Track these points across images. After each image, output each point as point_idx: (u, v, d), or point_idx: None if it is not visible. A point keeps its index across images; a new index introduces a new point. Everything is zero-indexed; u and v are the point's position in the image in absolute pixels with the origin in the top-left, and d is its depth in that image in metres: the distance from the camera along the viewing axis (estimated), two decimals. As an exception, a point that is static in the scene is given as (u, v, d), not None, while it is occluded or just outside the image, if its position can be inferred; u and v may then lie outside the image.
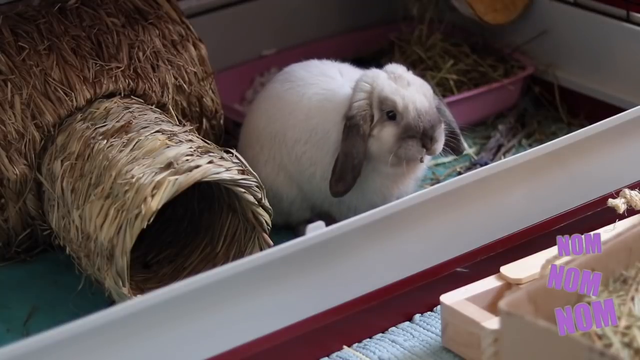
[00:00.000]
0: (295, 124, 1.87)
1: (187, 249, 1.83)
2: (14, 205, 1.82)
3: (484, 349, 1.55)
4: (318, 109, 1.86)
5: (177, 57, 1.94)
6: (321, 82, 1.90)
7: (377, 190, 1.85)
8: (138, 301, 1.49)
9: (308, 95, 1.88)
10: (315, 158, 1.85)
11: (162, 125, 1.75)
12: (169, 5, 1.97)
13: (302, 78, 1.91)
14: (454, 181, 1.71)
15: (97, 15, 1.90)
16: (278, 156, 1.88)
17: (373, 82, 1.81)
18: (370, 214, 1.64)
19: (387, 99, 1.79)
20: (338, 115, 1.83)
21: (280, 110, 1.90)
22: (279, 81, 1.95)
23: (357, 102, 1.80)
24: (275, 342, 1.61)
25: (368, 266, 1.67)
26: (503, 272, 1.67)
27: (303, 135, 1.86)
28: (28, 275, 1.86)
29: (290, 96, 1.89)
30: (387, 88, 1.79)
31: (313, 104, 1.87)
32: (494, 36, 2.35)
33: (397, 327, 1.72)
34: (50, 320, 1.68)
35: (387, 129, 1.79)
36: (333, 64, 1.96)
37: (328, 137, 1.84)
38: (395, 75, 1.82)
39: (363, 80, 1.82)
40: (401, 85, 1.80)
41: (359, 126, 1.78)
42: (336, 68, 1.94)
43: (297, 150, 1.86)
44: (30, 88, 1.81)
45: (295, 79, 1.92)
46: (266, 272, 1.57)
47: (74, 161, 1.73)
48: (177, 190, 1.61)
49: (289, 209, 1.89)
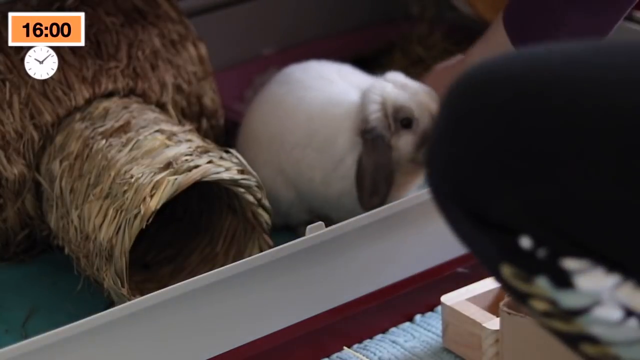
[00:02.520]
0: (294, 127, 1.86)
1: (186, 249, 1.82)
2: (12, 205, 1.82)
3: (485, 349, 1.55)
4: (320, 113, 1.85)
5: (177, 56, 1.93)
6: (321, 86, 1.89)
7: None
8: (137, 302, 1.49)
9: (308, 99, 1.87)
10: (315, 162, 1.84)
11: (161, 125, 1.75)
12: (168, 4, 1.96)
13: (300, 81, 1.90)
14: (455, 181, 1.70)
15: (96, 14, 1.90)
16: (276, 159, 1.87)
17: (383, 93, 1.80)
18: (370, 214, 1.64)
19: (403, 107, 1.78)
20: (345, 121, 1.81)
21: (279, 113, 1.88)
22: (277, 83, 1.93)
23: (374, 115, 1.78)
24: (275, 342, 1.61)
25: (368, 266, 1.67)
26: (504, 272, 1.66)
27: (302, 140, 1.85)
28: (26, 275, 1.85)
29: (289, 99, 1.88)
30: (400, 97, 1.79)
31: (314, 108, 1.86)
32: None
33: (397, 328, 1.72)
34: (49, 321, 1.68)
35: (404, 138, 1.78)
36: (332, 65, 1.94)
37: (332, 142, 1.82)
38: (401, 84, 1.81)
39: (372, 92, 1.81)
40: (410, 93, 1.79)
41: (383, 136, 1.77)
42: (335, 70, 1.93)
43: (295, 154, 1.85)
44: (28, 88, 1.80)
45: (293, 81, 1.91)
46: (266, 272, 1.56)
47: (73, 161, 1.73)
48: (177, 190, 1.60)
49: (287, 211, 1.89)
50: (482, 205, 1.04)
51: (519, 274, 1.05)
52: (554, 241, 1.01)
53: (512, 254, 1.04)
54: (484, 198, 1.03)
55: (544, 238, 1.01)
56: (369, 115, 1.79)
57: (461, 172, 1.05)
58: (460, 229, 1.10)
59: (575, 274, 1.02)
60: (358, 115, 1.81)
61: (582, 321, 1.04)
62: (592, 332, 1.04)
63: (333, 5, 2.46)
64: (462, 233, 1.10)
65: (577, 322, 1.04)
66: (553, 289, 1.03)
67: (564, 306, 1.04)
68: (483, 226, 1.05)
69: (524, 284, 1.05)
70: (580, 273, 1.01)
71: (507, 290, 1.07)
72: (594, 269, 1.02)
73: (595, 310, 1.03)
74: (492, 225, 1.04)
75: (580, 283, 1.02)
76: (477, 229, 1.06)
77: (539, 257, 1.02)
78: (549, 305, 1.04)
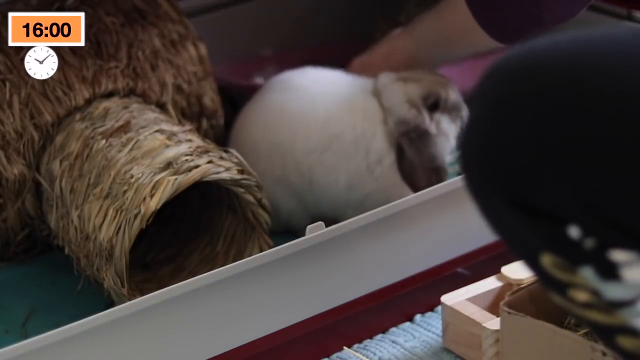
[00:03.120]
0: (308, 134, 1.84)
1: (186, 249, 1.82)
2: (12, 205, 1.82)
3: (485, 349, 1.55)
4: (341, 116, 1.84)
5: (177, 56, 1.93)
6: (331, 90, 1.88)
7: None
8: (137, 302, 1.48)
9: (321, 104, 1.85)
10: (338, 166, 1.83)
11: (161, 125, 1.74)
12: (168, 4, 1.96)
13: (304, 87, 1.89)
14: (454, 181, 1.70)
15: (96, 14, 1.90)
16: (278, 167, 1.85)
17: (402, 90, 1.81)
18: (370, 214, 1.63)
19: (430, 91, 1.81)
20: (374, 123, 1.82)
21: (285, 121, 1.86)
22: (277, 90, 1.91)
23: (410, 113, 1.80)
24: (275, 342, 1.61)
25: (368, 266, 1.67)
26: (504, 272, 1.66)
27: (320, 145, 1.83)
28: (26, 275, 1.85)
29: (297, 106, 1.86)
30: (420, 84, 1.81)
31: (331, 112, 1.84)
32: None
33: (397, 328, 1.72)
34: (49, 321, 1.68)
35: (443, 121, 1.82)
36: (328, 71, 1.94)
37: (363, 145, 1.82)
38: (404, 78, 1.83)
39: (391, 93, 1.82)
40: (420, 79, 1.83)
41: (427, 131, 1.78)
42: (334, 74, 1.93)
43: (310, 161, 1.83)
44: (28, 88, 1.80)
45: (295, 88, 1.89)
46: (266, 272, 1.56)
47: (73, 161, 1.73)
48: (177, 190, 1.60)
49: (287, 219, 1.87)
50: (529, 194, 1.02)
51: (562, 264, 1.03)
52: (605, 231, 1.00)
53: (558, 243, 1.01)
54: (532, 186, 1.01)
55: (594, 228, 1.00)
56: (405, 116, 1.80)
57: (507, 159, 1.02)
58: (497, 218, 1.07)
59: (623, 266, 1.00)
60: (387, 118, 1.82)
61: (625, 313, 1.02)
62: (635, 324, 1.03)
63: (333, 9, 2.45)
64: (498, 221, 1.07)
65: (620, 314, 1.03)
66: (598, 280, 1.01)
67: (608, 297, 1.02)
68: (527, 215, 1.02)
69: (566, 273, 1.03)
70: (628, 265, 1.00)
71: (544, 279, 1.05)
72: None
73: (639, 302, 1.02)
74: (538, 214, 1.02)
75: (627, 275, 1.00)
76: (519, 218, 1.03)
77: (586, 247, 1.01)
78: (591, 296, 1.03)
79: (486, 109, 1.04)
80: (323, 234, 1.60)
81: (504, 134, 1.02)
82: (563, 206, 1.00)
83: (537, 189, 1.01)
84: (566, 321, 1.54)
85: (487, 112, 1.04)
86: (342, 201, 1.84)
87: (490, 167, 1.03)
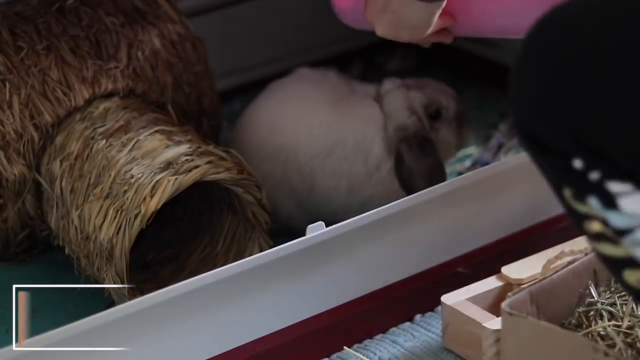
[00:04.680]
0: (311, 138, 1.84)
1: (187, 249, 1.82)
2: (12, 205, 1.82)
3: (485, 349, 1.55)
4: (343, 122, 1.84)
5: (176, 56, 1.93)
6: (332, 94, 1.88)
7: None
8: (137, 302, 1.48)
9: (324, 109, 1.85)
10: (340, 171, 1.83)
11: (161, 125, 1.74)
12: (168, 4, 1.96)
13: (309, 90, 1.89)
14: (454, 181, 1.70)
15: (96, 14, 1.90)
16: (280, 170, 1.85)
17: (404, 97, 1.82)
18: (370, 214, 1.63)
19: (430, 101, 1.81)
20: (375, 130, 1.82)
21: (289, 125, 1.86)
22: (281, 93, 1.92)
23: (411, 120, 1.80)
24: (275, 342, 1.61)
25: (368, 266, 1.67)
26: (504, 272, 1.66)
27: (323, 150, 1.83)
28: (26, 275, 1.85)
29: (300, 111, 1.87)
30: (423, 92, 1.81)
31: (334, 117, 1.84)
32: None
33: (397, 328, 1.72)
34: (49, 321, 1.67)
35: (443, 130, 1.83)
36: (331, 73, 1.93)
37: (364, 150, 1.83)
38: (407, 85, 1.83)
39: (393, 100, 1.82)
40: (423, 87, 1.83)
41: (428, 138, 1.79)
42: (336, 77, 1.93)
43: (312, 165, 1.83)
44: (28, 88, 1.80)
45: (299, 91, 1.89)
46: (266, 272, 1.56)
47: (73, 161, 1.73)
48: (177, 190, 1.60)
49: (287, 221, 1.87)
50: (537, 130, 1.12)
51: (577, 195, 1.12)
52: (602, 164, 1.09)
53: (568, 175, 1.11)
54: (537, 124, 1.12)
55: (593, 161, 1.10)
56: (405, 122, 1.80)
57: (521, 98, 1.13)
58: (532, 158, 1.16)
59: (620, 196, 1.09)
60: (387, 124, 1.82)
61: (627, 242, 1.10)
62: (635, 254, 1.10)
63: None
64: (535, 160, 1.16)
65: (623, 243, 1.11)
66: (602, 209, 1.10)
67: (613, 225, 1.10)
68: (540, 149, 1.13)
69: (581, 204, 1.12)
70: (624, 195, 1.09)
71: (569, 213, 1.14)
72: (637, 193, 1.09)
73: (638, 232, 1.09)
74: (546, 148, 1.12)
75: (623, 204, 1.09)
76: (535, 151, 1.14)
77: (591, 179, 1.10)
78: (601, 225, 1.11)
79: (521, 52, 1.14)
80: (323, 234, 1.60)
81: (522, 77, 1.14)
82: (564, 141, 1.11)
83: (543, 126, 1.12)
84: (567, 321, 1.54)
85: (520, 56, 1.14)
86: (342, 206, 1.84)
87: (511, 105, 1.15)
